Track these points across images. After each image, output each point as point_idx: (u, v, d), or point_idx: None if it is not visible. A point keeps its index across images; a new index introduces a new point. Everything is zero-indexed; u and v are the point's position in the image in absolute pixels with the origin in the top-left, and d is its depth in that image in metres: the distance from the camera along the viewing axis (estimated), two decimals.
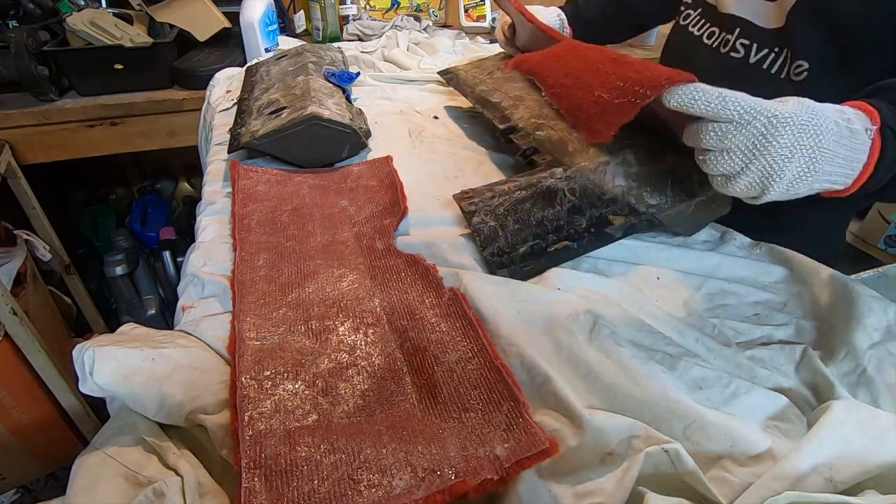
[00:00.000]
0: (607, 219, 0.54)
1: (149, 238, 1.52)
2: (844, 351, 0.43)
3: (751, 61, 0.62)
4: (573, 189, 0.55)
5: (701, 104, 0.38)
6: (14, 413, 1.02)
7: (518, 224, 0.54)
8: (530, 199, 0.55)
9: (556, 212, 0.54)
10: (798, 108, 0.39)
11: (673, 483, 0.34)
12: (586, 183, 0.56)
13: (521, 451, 0.33)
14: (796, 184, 0.39)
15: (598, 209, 0.54)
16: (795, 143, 0.38)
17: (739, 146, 0.39)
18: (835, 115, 0.39)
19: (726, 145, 0.39)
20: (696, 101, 0.38)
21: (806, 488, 0.32)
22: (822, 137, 0.38)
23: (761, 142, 0.38)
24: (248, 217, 0.59)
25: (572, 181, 0.56)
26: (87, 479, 0.34)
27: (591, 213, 0.54)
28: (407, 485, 0.32)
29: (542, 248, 0.52)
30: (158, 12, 1.20)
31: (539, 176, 0.58)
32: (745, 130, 0.38)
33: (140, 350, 0.39)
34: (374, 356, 0.43)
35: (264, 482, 0.32)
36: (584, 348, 0.41)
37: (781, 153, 0.38)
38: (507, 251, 0.52)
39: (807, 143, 0.38)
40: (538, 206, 0.55)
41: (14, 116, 1.08)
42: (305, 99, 0.72)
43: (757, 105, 0.38)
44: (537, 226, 0.54)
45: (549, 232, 0.53)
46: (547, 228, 0.53)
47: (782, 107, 0.39)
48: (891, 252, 1.39)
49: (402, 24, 1.43)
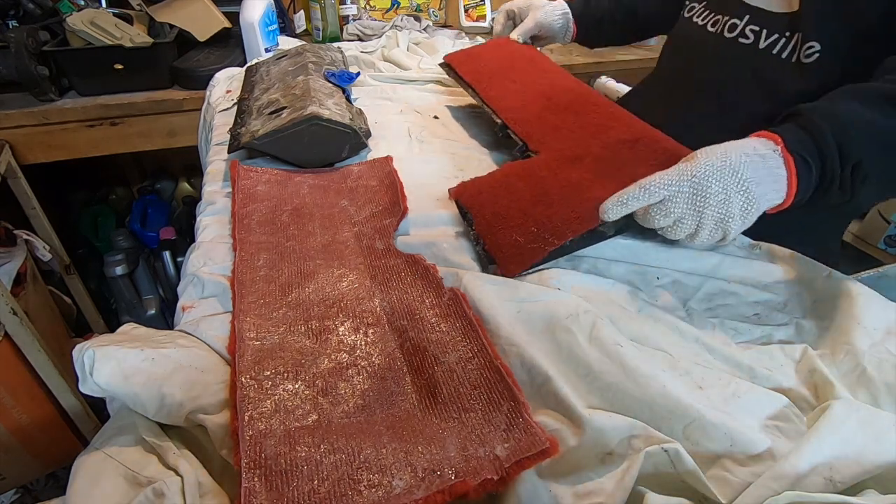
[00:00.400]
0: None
1: (149, 238, 1.52)
2: (844, 351, 0.43)
3: (760, 46, 0.62)
4: None
5: (632, 203, 0.45)
6: (14, 413, 1.02)
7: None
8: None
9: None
10: (708, 158, 0.44)
11: (673, 483, 0.34)
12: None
13: (521, 451, 0.33)
14: (745, 216, 0.44)
15: None
16: (723, 186, 0.43)
17: (685, 212, 0.44)
18: (741, 149, 0.44)
19: (675, 216, 0.45)
20: (627, 205, 0.45)
21: (806, 488, 0.32)
22: (741, 171, 0.43)
23: (697, 200, 0.44)
24: (248, 217, 0.59)
25: None
26: (87, 480, 0.34)
27: None
28: (407, 485, 0.32)
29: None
30: (158, 12, 1.19)
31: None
32: (679, 199, 0.44)
33: (140, 350, 0.39)
34: (374, 356, 0.43)
35: (264, 482, 0.32)
36: (584, 348, 0.41)
37: (718, 199, 0.43)
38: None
39: (732, 182, 0.43)
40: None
41: (14, 116, 1.08)
42: (305, 99, 0.72)
43: (674, 176, 0.44)
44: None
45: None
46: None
47: (695, 165, 0.44)
48: (891, 252, 1.39)
49: (402, 24, 1.43)
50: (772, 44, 0.61)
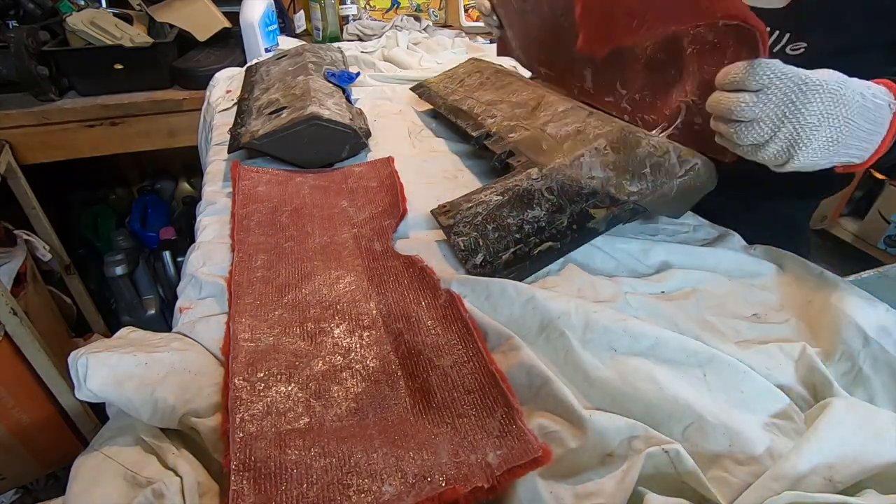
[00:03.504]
0: (588, 213, 0.53)
1: (149, 238, 1.52)
2: (840, 350, 0.43)
3: None
4: (550, 188, 0.55)
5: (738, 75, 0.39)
6: (14, 413, 1.02)
7: (498, 231, 0.53)
8: (508, 204, 0.55)
9: (535, 213, 0.53)
10: (828, 76, 0.39)
11: (673, 483, 0.34)
12: (563, 179, 0.55)
13: (513, 458, 0.33)
14: (821, 153, 0.40)
15: (578, 204, 0.53)
16: (824, 111, 0.38)
17: (769, 115, 0.39)
18: (861, 87, 0.39)
19: (756, 115, 0.39)
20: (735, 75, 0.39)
21: (805, 488, 0.32)
22: (850, 109, 0.38)
23: (791, 109, 0.39)
24: (248, 218, 0.59)
25: (549, 179, 0.55)
26: (86, 480, 0.34)
27: (572, 209, 0.53)
28: (396, 490, 0.31)
29: (526, 252, 0.51)
30: (158, 12, 1.20)
31: (515, 179, 0.57)
32: (776, 98, 0.38)
33: (133, 356, 0.39)
34: (368, 359, 0.42)
35: (253, 485, 0.32)
36: (580, 350, 0.41)
37: (810, 121, 0.38)
38: (489, 260, 0.51)
39: (834, 113, 0.38)
40: (517, 210, 0.54)
41: (14, 116, 1.08)
42: (305, 99, 0.72)
43: (788, 71, 0.38)
44: (518, 230, 0.53)
45: (531, 235, 0.52)
46: (528, 231, 0.52)
47: (813, 74, 0.39)
48: (891, 252, 1.39)
49: (402, 24, 1.42)
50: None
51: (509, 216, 0.54)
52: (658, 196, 0.53)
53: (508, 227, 0.53)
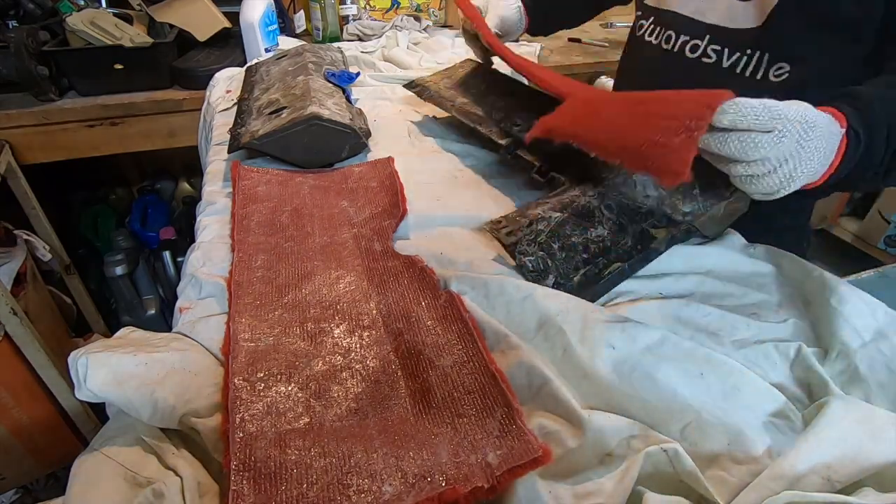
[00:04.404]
0: (650, 233, 0.51)
1: (149, 238, 1.52)
2: (836, 350, 0.43)
3: (724, 66, 0.61)
4: (609, 206, 0.53)
5: (750, 118, 0.39)
6: (14, 413, 1.02)
7: (565, 251, 0.50)
8: (570, 222, 0.52)
9: (598, 232, 0.51)
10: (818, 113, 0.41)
11: (672, 483, 0.34)
12: (620, 198, 0.54)
13: (513, 458, 0.33)
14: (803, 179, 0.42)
15: (639, 224, 0.52)
16: (816, 146, 0.41)
17: (776, 154, 0.40)
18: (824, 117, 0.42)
19: (763, 155, 0.40)
20: (745, 117, 0.39)
21: (804, 488, 0.32)
22: (827, 139, 0.41)
23: (796, 148, 0.40)
24: (248, 218, 0.59)
25: (605, 197, 0.53)
26: (86, 481, 0.34)
27: (633, 228, 0.52)
28: (396, 490, 0.32)
29: (595, 274, 0.49)
30: (158, 12, 1.20)
31: (571, 195, 0.55)
32: (786, 139, 0.39)
33: (133, 356, 0.39)
34: (368, 359, 0.43)
35: (252, 485, 0.32)
36: (578, 348, 0.41)
37: (807, 156, 0.41)
38: (561, 283, 0.48)
39: (820, 146, 0.41)
40: (580, 228, 0.51)
41: (14, 116, 1.08)
42: (305, 99, 0.72)
43: (792, 113, 0.40)
44: (584, 249, 0.50)
45: (598, 255, 0.50)
46: (594, 251, 0.50)
47: (810, 112, 0.41)
48: (891, 252, 1.39)
49: (402, 24, 1.42)
50: (735, 62, 0.60)
51: (573, 234, 0.51)
52: (708, 217, 0.52)
53: (574, 247, 0.50)
